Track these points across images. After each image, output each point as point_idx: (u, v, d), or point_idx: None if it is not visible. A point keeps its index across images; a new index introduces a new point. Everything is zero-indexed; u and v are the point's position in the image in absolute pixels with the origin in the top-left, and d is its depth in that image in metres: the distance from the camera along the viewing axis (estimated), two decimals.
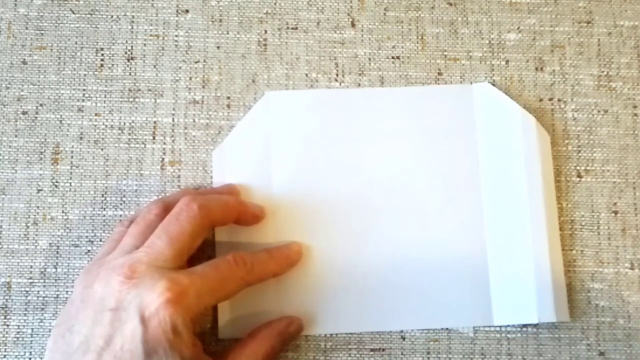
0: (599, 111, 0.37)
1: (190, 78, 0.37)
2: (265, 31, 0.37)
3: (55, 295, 0.34)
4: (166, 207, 0.31)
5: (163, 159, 0.36)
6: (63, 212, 0.35)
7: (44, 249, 0.35)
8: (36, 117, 0.36)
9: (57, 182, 0.35)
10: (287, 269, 0.33)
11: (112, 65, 0.37)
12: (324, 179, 0.35)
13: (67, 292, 0.34)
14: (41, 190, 0.35)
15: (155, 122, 0.36)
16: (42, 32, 0.37)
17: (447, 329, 0.34)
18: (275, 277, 0.33)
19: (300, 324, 0.33)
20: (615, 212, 0.36)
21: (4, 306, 0.34)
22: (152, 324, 0.27)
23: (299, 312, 0.34)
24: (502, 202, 0.35)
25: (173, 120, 0.36)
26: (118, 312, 0.27)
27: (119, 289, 0.28)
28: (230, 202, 0.32)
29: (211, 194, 0.33)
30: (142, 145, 0.36)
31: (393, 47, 0.37)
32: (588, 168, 0.36)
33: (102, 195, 0.35)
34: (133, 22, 0.37)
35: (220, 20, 0.37)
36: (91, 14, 0.37)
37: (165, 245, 0.29)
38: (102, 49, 0.37)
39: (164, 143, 0.36)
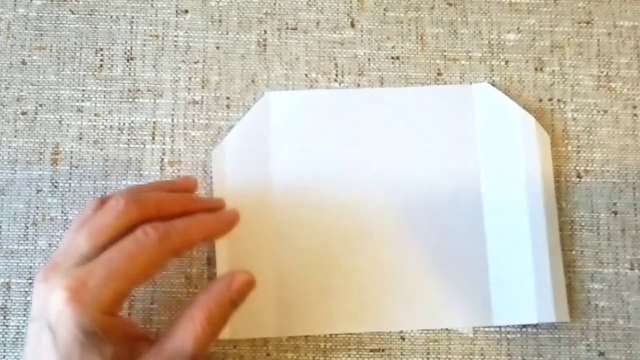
0: (598, 111, 0.37)
1: (190, 78, 0.37)
2: (265, 31, 0.37)
3: None
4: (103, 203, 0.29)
5: (162, 159, 0.36)
6: (62, 212, 0.35)
7: (43, 250, 0.35)
8: (35, 118, 0.36)
9: (56, 182, 0.35)
10: (220, 230, 0.31)
11: (112, 65, 0.37)
12: (324, 179, 0.35)
13: None
14: (40, 190, 0.35)
15: (154, 123, 0.36)
16: (42, 32, 0.37)
17: (446, 329, 0.34)
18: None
19: (246, 279, 0.29)
20: (615, 213, 0.36)
21: (3, 307, 0.34)
22: (59, 329, 0.25)
23: (298, 311, 0.34)
24: (502, 202, 0.35)
25: (172, 120, 0.36)
26: (38, 321, 0.26)
27: (37, 295, 0.26)
28: (194, 225, 0.29)
29: (168, 187, 0.31)
30: (142, 146, 0.36)
31: (393, 47, 0.37)
32: (588, 168, 0.36)
33: (102, 196, 0.35)
34: (132, 22, 0.37)
35: (220, 21, 0.37)
36: (90, 14, 0.37)
37: (84, 240, 0.27)
38: (101, 49, 0.37)
39: (164, 143, 0.36)
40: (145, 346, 0.27)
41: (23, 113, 0.36)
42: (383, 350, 0.34)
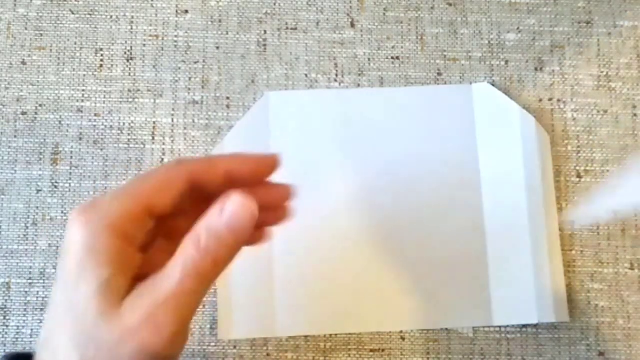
0: (598, 111, 0.37)
1: (190, 78, 0.37)
2: (265, 31, 0.37)
3: None
4: None
5: (162, 159, 0.36)
6: (62, 212, 0.35)
7: (43, 250, 0.35)
8: (35, 118, 0.36)
9: (56, 182, 0.35)
10: (250, 165, 0.27)
11: (112, 65, 0.37)
12: (324, 179, 0.35)
13: None
14: (41, 190, 0.35)
15: (154, 123, 0.36)
16: (42, 32, 0.37)
17: (446, 329, 0.34)
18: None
19: (240, 201, 0.24)
20: (615, 213, 0.36)
21: (3, 307, 0.34)
22: (67, 251, 0.23)
23: (298, 312, 0.34)
24: (502, 202, 0.35)
25: (172, 120, 0.36)
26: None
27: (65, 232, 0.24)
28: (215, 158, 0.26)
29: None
30: (142, 146, 0.36)
31: (393, 47, 0.37)
32: (588, 168, 0.36)
33: None
34: (132, 22, 0.37)
35: (220, 21, 0.37)
36: (90, 15, 0.37)
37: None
38: (101, 50, 0.37)
39: (164, 143, 0.36)
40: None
41: (23, 113, 0.36)
42: (383, 351, 0.34)
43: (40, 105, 0.36)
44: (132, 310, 0.22)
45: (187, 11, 0.37)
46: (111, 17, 0.37)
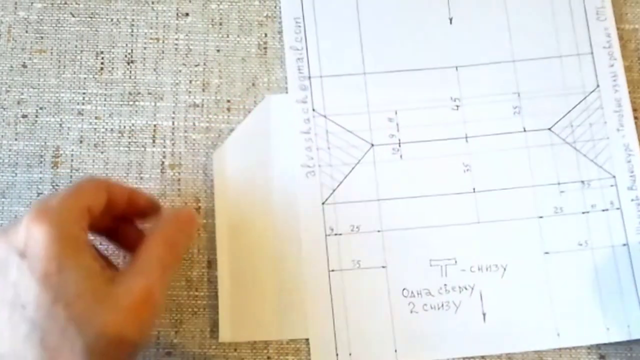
0: None
1: (190, 81, 0.37)
2: (266, 34, 0.37)
3: None
4: None
5: (163, 162, 0.36)
6: None
7: None
8: (36, 121, 0.36)
9: (57, 185, 0.35)
10: (145, 205, 0.31)
11: (112, 68, 0.37)
12: None
13: None
14: (41, 193, 0.35)
15: (155, 126, 0.36)
16: (42, 35, 0.37)
17: None
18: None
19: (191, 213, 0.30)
20: None
21: None
22: (30, 248, 0.24)
23: (299, 313, 0.34)
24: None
25: (173, 123, 0.36)
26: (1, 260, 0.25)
27: None
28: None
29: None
30: (142, 149, 0.36)
31: None
32: None
33: None
34: (133, 25, 0.37)
35: (221, 24, 0.37)
36: (91, 17, 0.37)
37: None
38: (102, 52, 0.37)
39: (164, 146, 0.36)
40: (114, 271, 0.27)
41: (24, 116, 0.36)
42: None
43: (41, 108, 0.36)
44: (127, 293, 0.25)
45: (187, 14, 0.37)
46: (112, 20, 0.37)
